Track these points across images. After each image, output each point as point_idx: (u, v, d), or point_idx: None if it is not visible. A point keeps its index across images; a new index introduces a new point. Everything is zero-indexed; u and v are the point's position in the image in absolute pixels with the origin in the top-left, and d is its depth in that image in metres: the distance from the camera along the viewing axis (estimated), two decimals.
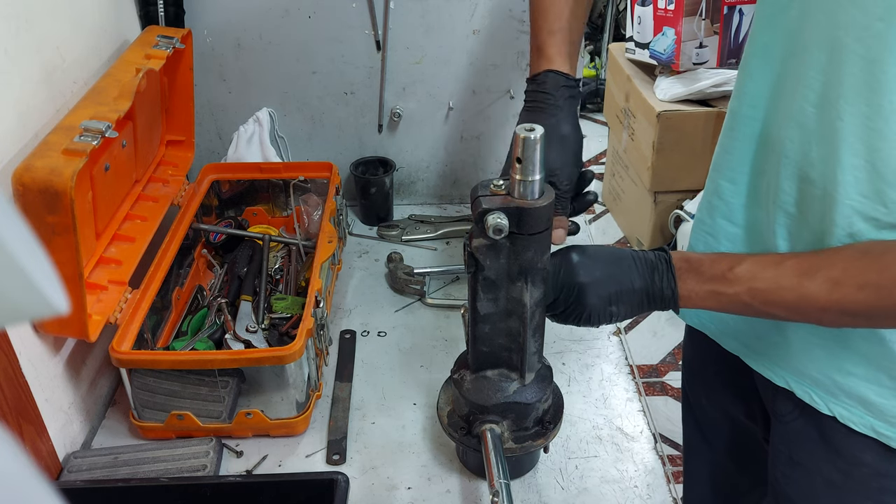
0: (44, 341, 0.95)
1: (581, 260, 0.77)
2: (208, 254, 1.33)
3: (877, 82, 0.65)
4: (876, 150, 0.67)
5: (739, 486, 1.13)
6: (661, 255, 0.77)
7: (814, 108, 0.72)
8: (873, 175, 0.68)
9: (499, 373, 0.87)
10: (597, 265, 0.77)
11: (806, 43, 0.72)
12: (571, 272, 0.77)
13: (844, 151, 0.69)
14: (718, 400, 1.05)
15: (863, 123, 0.67)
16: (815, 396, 0.82)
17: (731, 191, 0.86)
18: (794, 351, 0.82)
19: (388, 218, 1.50)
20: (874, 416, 0.78)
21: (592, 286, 0.76)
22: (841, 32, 0.67)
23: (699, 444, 1.14)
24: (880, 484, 0.81)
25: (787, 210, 0.78)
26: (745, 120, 0.82)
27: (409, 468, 0.99)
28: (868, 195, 0.69)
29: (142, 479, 0.91)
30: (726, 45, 2.40)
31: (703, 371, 1.07)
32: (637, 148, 2.68)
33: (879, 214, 0.69)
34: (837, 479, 0.83)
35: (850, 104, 0.68)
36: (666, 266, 0.75)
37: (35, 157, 0.86)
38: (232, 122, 1.44)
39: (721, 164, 0.88)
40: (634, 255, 0.77)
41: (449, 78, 1.43)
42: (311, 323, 1.00)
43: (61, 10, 1.02)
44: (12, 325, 0.46)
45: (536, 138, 0.70)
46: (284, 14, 1.35)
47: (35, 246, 0.27)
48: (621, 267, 0.77)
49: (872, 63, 0.65)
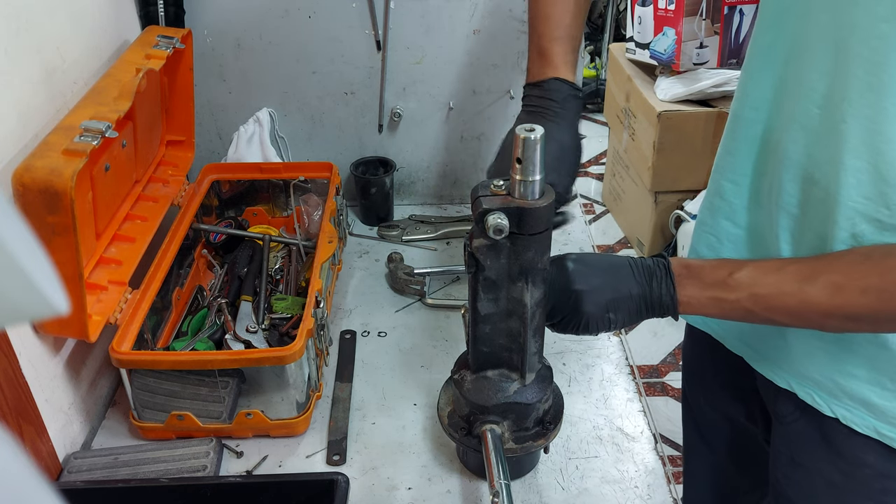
0: (44, 342, 0.95)
1: (577, 268, 0.77)
2: (208, 254, 1.32)
3: (881, 84, 0.65)
4: (879, 153, 0.67)
5: (739, 487, 1.12)
6: (660, 262, 0.76)
7: (818, 110, 0.72)
8: (876, 177, 0.68)
9: (499, 373, 0.87)
10: (593, 273, 0.77)
11: (809, 45, 0.72)
12: (568, 280, 0.77)
13: (847, 153, 0.69)
14: (718, 401, 1.05)
15: (866, 126, 0.67)
16: (817, 398, 0.81)
17: (734, 192, 0.86)
18: (795, 353, 0.82)
19: (389, 218, 1.50)
20: (876, 418, 0.78)
21: (589, 294, 0.76)
22: (845, 34, 0.67)
23: (699, 445, 1.14)
24: (882, 485, 0.81)
25: (790, 211, 0.78)
26: (748, 122, 0.82)
27: (409, 468, 0.99)
28: (871, 197, 0.69)
29: (142, 480, 0.91)
30: (727, 46, 2.40)
31: (703, 372, 1.07)
32: (637, 148, 2.67)
33: (882, 216, 0.69)
34: (839, 480, 0.83)
35: (854, 106, 0.68)
36: (664, 272, 0.75)
37: (35, 158, 0.86)
38: (232, 122, 1.44)
39: (723, 166, 0.88)
40: (632, 262, 0.77)
41: (449, 78, 1.43)
42: (311, 323, 1.00)
43: (61, 10, 1.02)
44: (12, 325, 0.46)
45: (536, 138, 0.70)
46: (284, 14, 1.35)
47: (35, 246, 0.27)
48: (619, 274, 0.76)
49: (877, 65, 0.65)
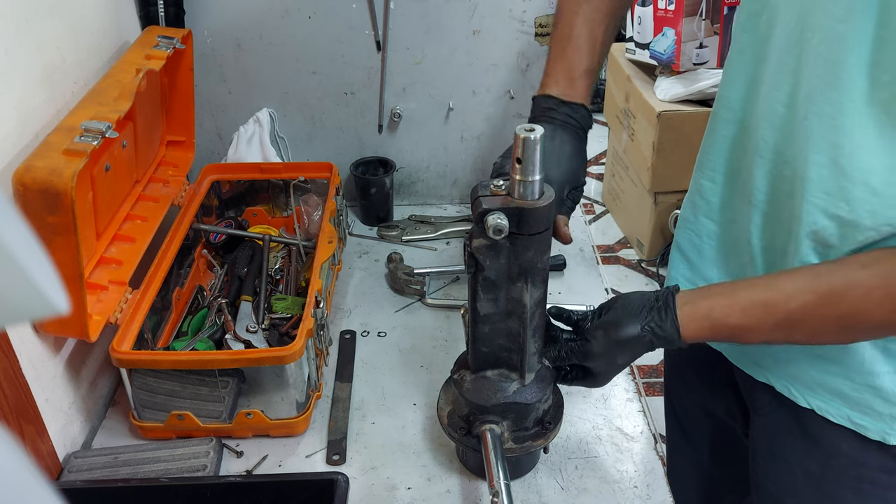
0: (44, 341, 0.95)
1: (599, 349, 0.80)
2: (208, 254, 1.33)
3: (839, 81, 0.68)
4: (838, 147, 0.69)
5: (722, 483, 1.14)
6: (675, 335, 0.76)
7: (783, 108, 0.75)
8: (836, 172, 0.70)
9: (499, 373, 0.88)
10: (616, 352, 0.79)
11: (776, 47, 0.75)
12: (590, 357, 0.81)
13: (811, 149, 0.72)
14: (698, 395, 1.07)
15: (827, 122, 0.70)
16: (793, 390, 0.84)
17: (711, 189, 0.90)
18: (772, 350, 0.85)
19: (389, 218, 1.50)
20: (850, 407, 0.80)
21: (603, 376, 0.82)
22: (808, 35, 0.70)
23: (681, 442, 1.15)
24: (857, 472, 0.83)
25: (761, 208, 0.81)
26: (723, 121, 0.86)
27: (409, 468, 0.99)
28: (832, 192, 0.71)
29: (142, 480, 0.91)
30: (726, 46, 2.40)
31: (684, 366, 1.09)
32: (637, 148, 2.67)
33: (842, 212, 0.71)
34: (816, 470, 0.86)
35: (815, 103, 0.70)
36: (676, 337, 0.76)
37: (35, 158, 0.86)
38: (232, 123, 1.44)
39: (702, 164, 0.92)
40: (653, 339, 0.77)
41: (449, 78, 1.43)
42: (311, 323, 1.00)
43: (61, 10, 1.02)
44: (12, 325, 0.46)
45: (536, 138, 0.70)
46: (284, 14, 1.35)
47: (35, 246, 0.27)
48: (637, 349, 0.78)
49: (834, 64, 0.68)
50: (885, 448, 0.80)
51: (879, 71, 0.65)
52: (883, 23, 0.64)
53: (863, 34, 0.65)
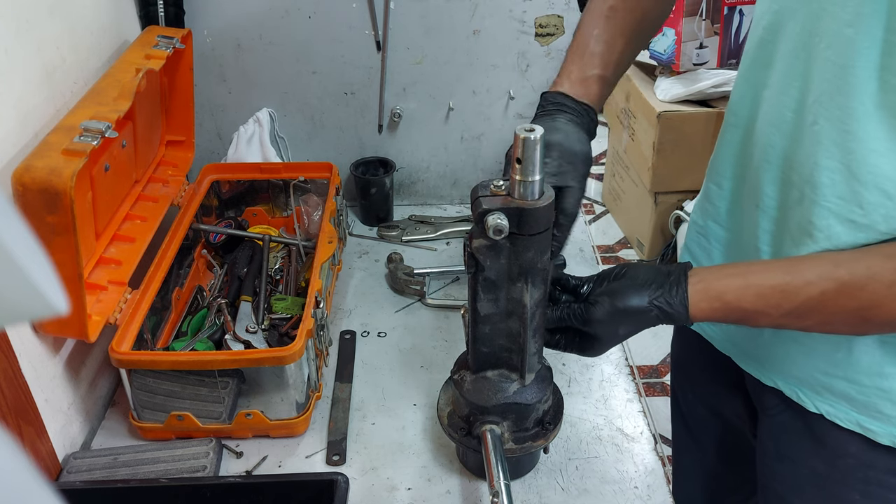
0: (44, 342, 0.95)
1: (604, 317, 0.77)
2: (208, 254, 1.32)
3: (848, 86, 0.68)
4: (850, 152, 0.69)
5: (727, 483, 1.14)
6: (682, 312, 0.74)
7: (792, 114, 0.74)
8: (848, 176, 0.70)
9: (499, 373, 0.87)
10: (621, 321, 0.76)
11: (784, 52, 0.75)
12: (592, 322, 0.77)
13: (821, 155, 0.71)
14: (705, 395, 1.06)
15: (837, 126, 0.69)
16: (801, 395, 0.84)
17: (718, 194, 0.90)
18: (781, 354, 0.85)
19: (389, 218, 1.49)
20: (859, 412, 0.80)
21: (609, 342, 0.78)
22: (816, 39, 0.70)
23: (688, 442, 1.15)
24: (864, 474, 0.83)
25: (770, 214, 0.80)
26: (731, 126, 0.86)
27: (409, 469, 0.99)
28: (844, 197, 0.71)
29: (141, 480, 0.91)
30: (726, 46, 2.40)
31: (691, 367, 1.09)
32: (637, 148, 2.67)
33: (856, 216, 0.71)
34: (823, 471, 0.85)
35: (825, 108, 0.70)
36: (684, 314, 0.74)
37: (35, 157, 0.86)
38: (232, 122, 1.44)
39: (711, 168, 0.92)
40: (660, 315, 0.75)
41: (449, 78, 1.43)
42: (311, 323, 1.00)
43: (61, 10, 1.02)
44: (12, 325, 0.46)
45: (536, 138, 0.70)
46: (284, 14, 1.35)
47: (35, 246, 0.27)
48: (642, 321, 0.76)
49: (843, 68, 0.68)
50: (893, 451, 0.79)
51: (889, 74, 0.65)
52: (891, 27, 0.63)
53: (871, 38, 0.65)
